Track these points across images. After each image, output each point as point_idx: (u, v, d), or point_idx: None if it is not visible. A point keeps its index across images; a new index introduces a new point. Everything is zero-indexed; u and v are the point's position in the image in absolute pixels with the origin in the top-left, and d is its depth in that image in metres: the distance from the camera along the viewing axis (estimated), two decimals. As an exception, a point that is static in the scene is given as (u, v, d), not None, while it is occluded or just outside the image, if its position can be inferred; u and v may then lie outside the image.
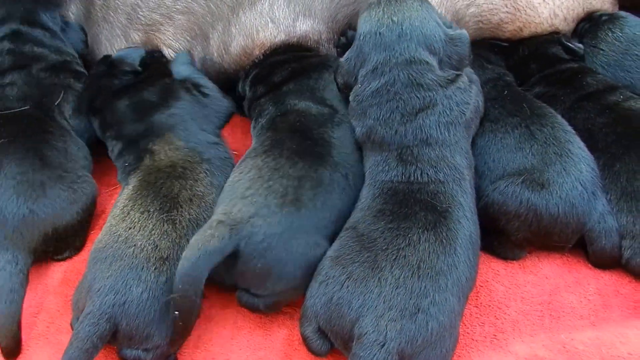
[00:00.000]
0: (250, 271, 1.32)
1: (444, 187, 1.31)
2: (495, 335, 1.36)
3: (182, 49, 1.75)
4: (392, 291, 1.19)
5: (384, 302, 1.18)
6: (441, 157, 1.34)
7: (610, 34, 1.65)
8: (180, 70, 1.72)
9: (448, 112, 1.37)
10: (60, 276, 1.53)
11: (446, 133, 1.35)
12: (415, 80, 1.38)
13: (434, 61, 1.39)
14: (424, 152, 1.34)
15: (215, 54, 1.74)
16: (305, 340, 1.26)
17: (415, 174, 1.32)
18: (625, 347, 1.22)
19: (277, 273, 1.31)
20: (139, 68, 1.67)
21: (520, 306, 1.40)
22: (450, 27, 1.53)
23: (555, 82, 1.62)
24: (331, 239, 1.35)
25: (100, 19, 1.82)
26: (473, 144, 1.48)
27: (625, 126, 1.46)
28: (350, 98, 1.45)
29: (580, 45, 1.69)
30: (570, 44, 1.67)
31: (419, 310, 1.18)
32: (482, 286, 1.44)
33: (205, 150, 1.51)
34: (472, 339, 1.36)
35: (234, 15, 1.70)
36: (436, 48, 1.39)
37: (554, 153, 1.40)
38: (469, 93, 1.40)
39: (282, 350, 1.36)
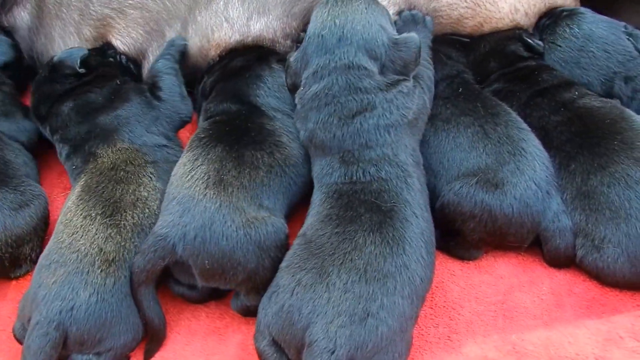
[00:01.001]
0: (203, 271, 1.31)
1: (388, 185, 1.30)
2: (449, 337, 1.36)
3: (135, 44, 1.71)
4: (340, 296, 1.17)
5: (332, 308, 1.17)
6: (382, 156, 1.33)
7: (567, 30, 1.64)
8: (158, 63, 1.68)
9: (388, 115, 1.35)
10: (13, 282, 1.50)
11: (386, 135, 1.34)
12: (353, 84, 1.36)
13: (374, 66, 1.37)
14: (364, 153, 1.33)
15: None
16: (261, 355, 1.25)
17: (357, 174, 1.31)
18: (572, 348, 1.22)
19: (228, 262, 1.29)
20: (81, 70, 1.62)
21: (475, 307, 1.39)
22: (417, 21, 1.54)
23: (513, 78, 1.60)
24: (284, 214, 1.37)
25: (53, 16, 1.78)
26: (427, 142, 1.47)
27: (579, 124, 1.46)
28: (296, 100, 1.44)
29: (541, 43, 1.67)
30: (530, 41, 1.66)
31: (368, 314, 1.17)
32: (437, 287, 1.43)
33: (151, 152, 1.50)
34: (426, 341, 1.35)
35: (191, 15, 1.67)
36: (377, 53, 1.37)
37: (508, 152, 1.39)
38: (411, 97, 1.39)
39: (236, 355, 1.35)
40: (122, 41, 1.71)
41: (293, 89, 1.45)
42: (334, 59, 1.36)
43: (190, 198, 1.30)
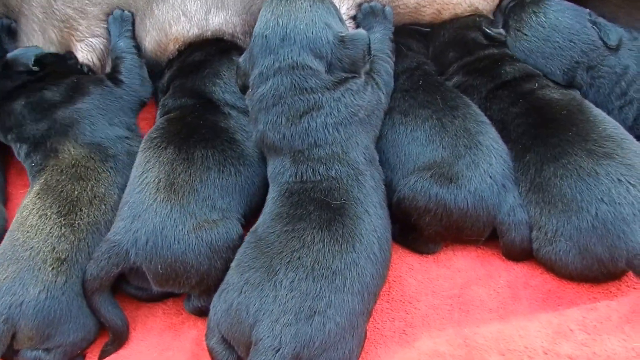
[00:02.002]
0: (157, 276, 1.31)
1: (339, 183, 1.30)
2: (405, 331, 1.36)
3: (99, 43, 1.69)
4: (286, 294, 1.17)
5: (279, 306, 1.17)
6: (332, 154, 1.32)
7: (534, 18, 1.60)
8: (120, 42, 1.65)
9: (336, 114, 1.34)
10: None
11: (335, 133, 1.33)
12: (298, 84, 1.35)
13: (319, 65, 1.35)
14: (314, 152, 1.32)
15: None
16: (210, 352, 1.25)
17: (307, 173, 1.31)
18: (522, 341, 1.22)
19: (181, 266, 1.30)
20: (34, 67, 1.60)
21: (431, 300, 1.39)
22: (377, 13, 1.51)
23: (473, 71, 1.58)
24: (242, 214, 1.37)
25: (17, 12, 1.76)
26: (385, 136, 1.45)
27: (536, 116, 1.44)
28: (246, 102, 1.43)
29: (501, 31, 1.64)
30: (489, 31, 1.63)
31: (315, 312, 1.17)
32: (395, 281, 1.43)
33: (112, 145, 1.49)
34: (382, 335, 1.36)
35: (149, 8, 1.65)
36: (322, 52, 1.36)
37: (464, 145, 1.38)
38: (361, 94, 1.38)
39: (190, 350, 1.35)
40: (86, 43, 1.68)
41: (243, 89, 1.44)
42: (278, 60, 1.35)
43: (141, 203, 1.31)
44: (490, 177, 1.36)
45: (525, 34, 1.60)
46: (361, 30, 1.40)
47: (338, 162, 1.31)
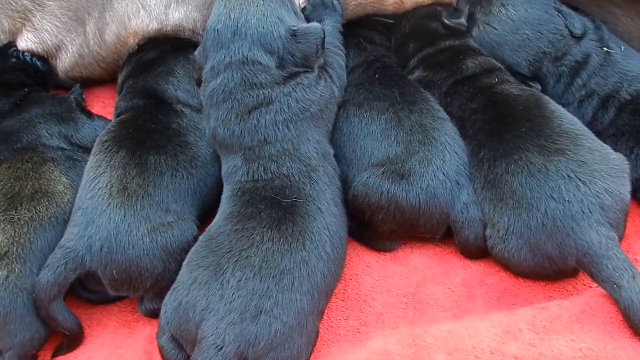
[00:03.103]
0: (112, 281, 1.31)
1: (290, 181, 1.29)
2: (359, 329, 1.35)
3: (49, 38, 1.67)
4: (233, 293, 1.17)
5: (224, 305, 1.16)
6: (282, 151, 1.31)
7: (503, 11, 1.57)
8: None
9: (286, 109, 1.33)
10: None
11: (285, 130, 1.32)
12: (248, 79, 1.34)
13: (270, 60, 1.34)
14: (264, 149, 1.31)
15: (92, 42, 1.68)
16: (160, 350, 1.25)
17: (259, 171, 1.30)
18: (471, 340, 1.21)
19: (135, 270, 1.29)
20: None
21: (386, 299, 1.38)
22: (327, 5, 1.48)
23: (434, 65, 1.55)
24: (196, 216, 1.37)
25: None
26: (340, 129, 1.44)
27: (493, 112, 1.42)
28: (200, 97, 1.42)
29: (462, 21, 1.60)
30: (448, 22, 1.59)
31: (261, 311, 1.16)
32: (351, 279, 1.42)
33: (52, 151, 1.47)
34: (336, 333, 1.34)
35: (109, 1, 1.63)
36: (274, 46, 1.34)
37: (418, 141, 1.36)
38: (313, 88, 1.36)
39: (142, 348, 1.34)
40: (34, 35, 1.66)
41: (199, 83, 1.42)
42: (229, 54, 1.34)
43: (94, 208, 1.31)
44: (444, 173, 1.34)
45: (495, 28, 1.57)
46: (315, 24, 1.37)
47: (289, 159, 1.30)
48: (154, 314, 1.34)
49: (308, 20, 1.49)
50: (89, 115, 1.61)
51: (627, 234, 1.44)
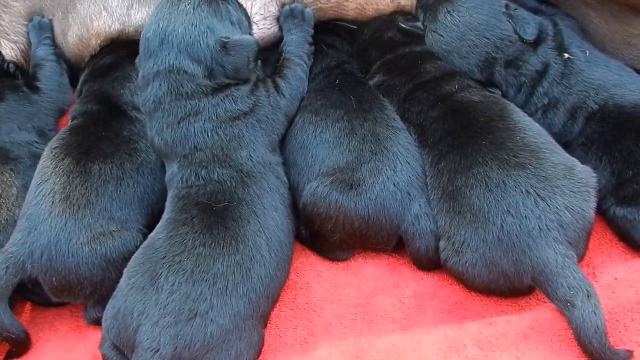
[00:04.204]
0: (52, 287, 1.32)
1: (222, 186, 1.28)
2: (306, 339, 1.32)
3: (23, 40, 1.67)
4: (167, 297, 1.17)
5: (159, 309, 1.16)
6: (212, 157, 1.31)
7: (448, 18, 1.52)
8: (39, 51, 1.65)
9: (214, 118, 1.32)
10: None
11: (215, 136, 1.31)
12: (175, 89, 1.33)
13: (197, 70, 1.33)
14: (196, 156, 1.31)
15: (56, 43, 1.66)
16: (103, 358, 1.25)
17: (191, 178, 1.30)
18: (414, 354, 1.18)
19: (75, 278, 1.30)
20: None
21: (336, 309, 1.36)
22: (296, 15, 1.46)
23: (394, 69, 1.52)
24: (143, 223, 1.37)
25: None
26: (294, 137, 1.41)
27: (453, 121, 1.38)
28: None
29: (419, 25, 1.56)
30: (404, 26, 1.56)
31: (195, 314, 1.17)
32: (302, 288, 1.40)
33: (15, 148, 1.49)
34: (284, 342, 1.33)
35: (71, 2, 1.62)
36: (201, 56, 1.33)
37: (370, 151, 1.33)
38: (245, 100, 1.35)
39: (92, 353, 1.34)
40: (9, 39, 1.66)
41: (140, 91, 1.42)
42: (157, 63, 1.34)
43: (37, 215, 1.31)
44: (394, 184, 1.31)
45: (442, 35, 1.53)
46: (247, 37, 1.36)
47: (219, 165, 1.30)
48: (97, 322, 1.33)
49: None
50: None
51: (590, 247, 1.39)
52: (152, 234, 1.28)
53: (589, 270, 1.36)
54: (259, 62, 1.41)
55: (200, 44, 1.32)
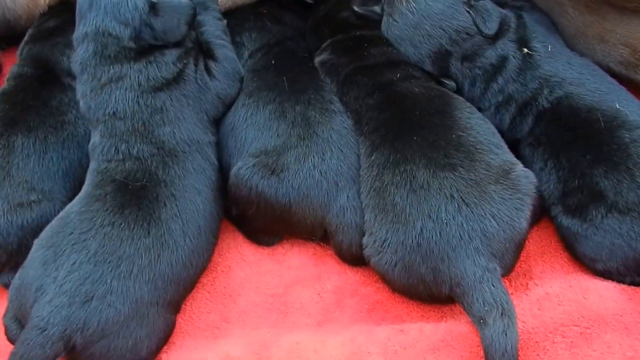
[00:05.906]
0: None
1: (142, 165, 1.23)
2: (219, 325, 1.28)
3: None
4: (65, 276, 1.13)
5: (55, 288, 1.13)
6: (132, 130, 1.25)
7: (404, 4, 1.40)
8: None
9: (136, 87, 1.26)
10: None
11: (135, 105, 1.25)
12: (100, 52, 1.28)
13: (124, 32, 1.26)
14: (116, 126, 1.26)
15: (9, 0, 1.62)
16: (4, 329, 1.22)
17: (111, 151, 1.25)
18: (316, 356, 1.13)
19: None
20: None
21: (253, 297, 1.31)
22: None
23: (339, 49, 1.42)
24: (68, 196, 1.32)
25: None
26: (226, 118, 1.34)
27: (389, 112, 1.28)
28: None
29: (376, 10, 1.45)
30: (358, 10, 1.44)
31: (92, 297, 1.12)
32: (223, 272, 1.35)
33: None
34: (196, 326, 1.28)
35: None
36: (128, 18, 1.26)
37: (298, 135, 1.25)
38: (169, 67, 1.28)
39: None
40: None
41: None
42: (85, 25, 1.28)
43: None
44: (320, 173, 1.23)
45: (396, 21, 1.41)
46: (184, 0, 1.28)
47: (141, 140, 1.24)
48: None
49: None
50: None
51: (530, 255, 1.31)
52: (68, 206, 1.24)
53: (524, 280, 1.27)
54: (195, 31, 1.33)
55: (127, 5, 1.27)
